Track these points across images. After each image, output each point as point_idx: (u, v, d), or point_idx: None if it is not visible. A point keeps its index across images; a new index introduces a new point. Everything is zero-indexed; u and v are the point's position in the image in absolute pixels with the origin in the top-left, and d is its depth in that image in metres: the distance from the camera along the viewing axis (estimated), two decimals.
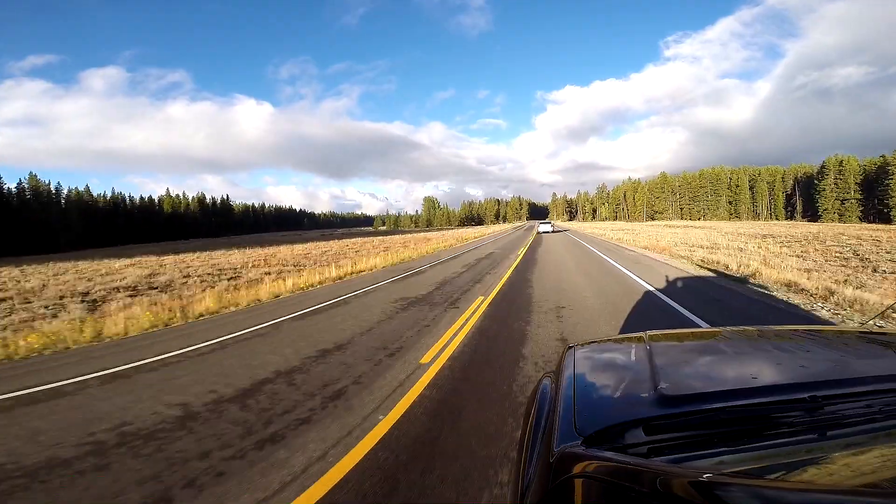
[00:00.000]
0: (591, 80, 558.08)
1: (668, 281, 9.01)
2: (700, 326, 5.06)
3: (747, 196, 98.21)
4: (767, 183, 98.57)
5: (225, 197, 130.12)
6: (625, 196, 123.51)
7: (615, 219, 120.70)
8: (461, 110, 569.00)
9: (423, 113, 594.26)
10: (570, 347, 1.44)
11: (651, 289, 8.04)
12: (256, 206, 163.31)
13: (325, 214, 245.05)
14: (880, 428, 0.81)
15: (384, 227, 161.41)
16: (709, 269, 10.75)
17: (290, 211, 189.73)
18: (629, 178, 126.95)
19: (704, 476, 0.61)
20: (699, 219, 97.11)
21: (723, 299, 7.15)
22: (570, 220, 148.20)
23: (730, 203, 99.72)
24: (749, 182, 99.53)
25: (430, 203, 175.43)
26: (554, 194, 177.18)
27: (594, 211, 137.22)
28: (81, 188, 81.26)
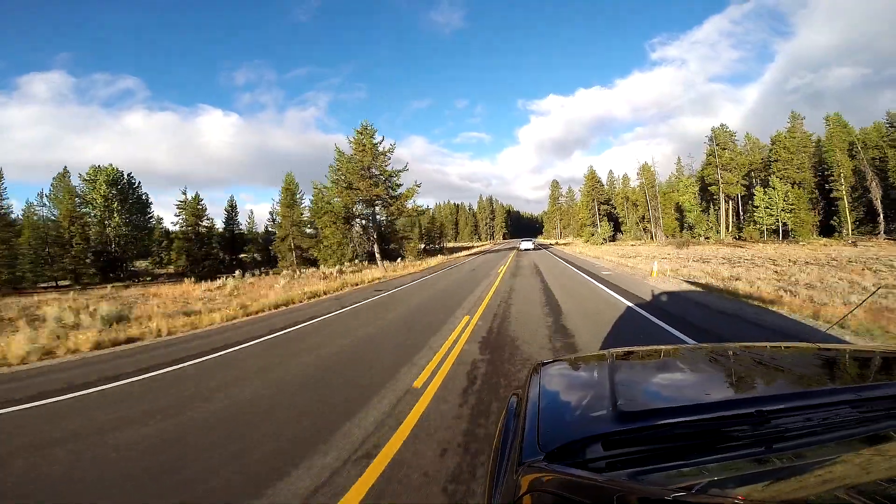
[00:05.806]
0: (575, 87, 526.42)
1: None
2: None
3: None
4: None
5: None
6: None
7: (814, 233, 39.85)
8: (440, 122, 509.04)
9: (401, 125, 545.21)
10: (537, 366, 1.44)
11: None
12: None
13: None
14: (818, 441, 0.84)
15: None
16: None
17: None
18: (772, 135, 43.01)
19: (671, 496, 0.62)
20: None
21: None
22: (613, 237, 59.19)
23: None
24: None
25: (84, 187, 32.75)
26: (554, 182, 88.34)
27: (717, 213, 46.19)
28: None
